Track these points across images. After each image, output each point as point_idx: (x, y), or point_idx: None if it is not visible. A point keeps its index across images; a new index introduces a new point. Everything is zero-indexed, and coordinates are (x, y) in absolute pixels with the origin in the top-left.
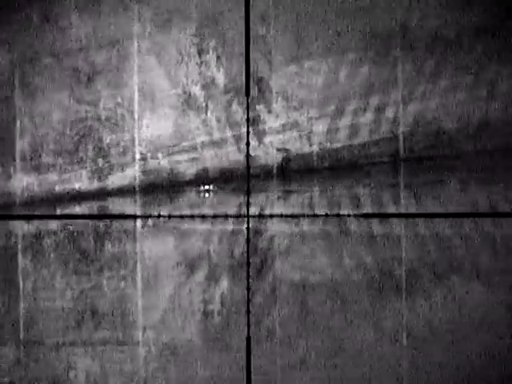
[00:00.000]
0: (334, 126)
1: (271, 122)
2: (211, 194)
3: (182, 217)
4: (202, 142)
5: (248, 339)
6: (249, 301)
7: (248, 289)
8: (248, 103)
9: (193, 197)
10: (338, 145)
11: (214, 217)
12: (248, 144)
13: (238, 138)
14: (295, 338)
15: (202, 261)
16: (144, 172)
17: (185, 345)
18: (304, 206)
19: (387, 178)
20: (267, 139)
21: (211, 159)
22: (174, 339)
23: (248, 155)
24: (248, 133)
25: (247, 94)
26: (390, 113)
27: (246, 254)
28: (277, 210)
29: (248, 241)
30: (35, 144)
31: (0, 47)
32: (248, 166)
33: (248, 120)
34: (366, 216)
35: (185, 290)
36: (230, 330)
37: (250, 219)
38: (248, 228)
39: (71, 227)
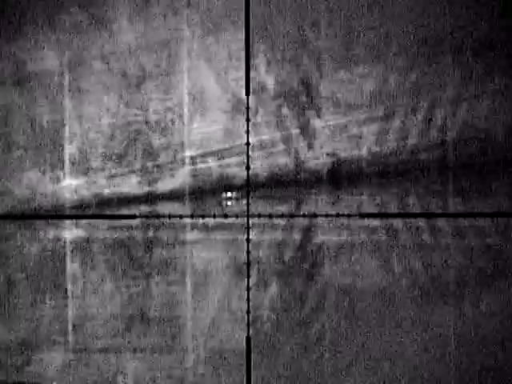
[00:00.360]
0: (383, 131)
1: (321, 128)
2: (261, 198)
3: (225, 216)
4: (253, 147)
5: (248, 339)
6: (248, 301)
7: (248, 289)
8: (248, 103)
9: (243, 201)
10: (387, 150)
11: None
12: (248, 144)
13: (287, 144)
14: (344, 342)
15: (251, 266)
16: (194, 176)
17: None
18: (353, 210)
19: (436, 184)
20: (317, 144)
21: (261, 164)
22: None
23: (248, 155)
24: (248, 133)
25: (247, 93)
26: (438, 118)
27: (296, 259)
28: (326, 216)
29: (248, 241)
30: (84, 148)
31: (50, 51)
32: (248, 167)
33: (248, 120)
34: (412, 216)
35: (234, 294)
36: (279, 335)
37: (302, 223)
38: (248, 228)
39: (120, 230)
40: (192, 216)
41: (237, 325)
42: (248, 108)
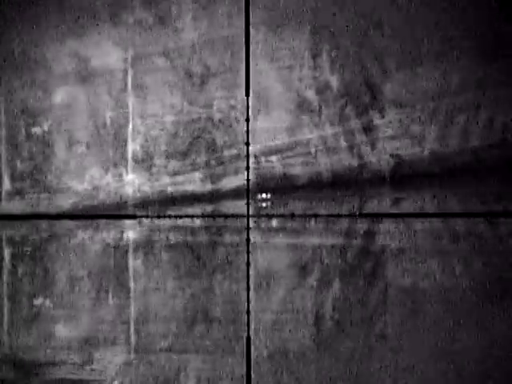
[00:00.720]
0: (445, 131)
1: (383, 128)
2: (325, 196)
3: (293, 216)
4: (316, 146)
5: (248, 339)
6: (248, 301)
7: (248, 289)
8: (248, 103)
9: (306, 200)
10: (450, 150)
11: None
12: (248, 144)
13: (351, 143)
14: (406, 342)
15: (314, 265)
16: (257, 175)
17: (296, 349)
18: (415, 210)
19: (499, 185)
20: (380, 145)
21: (325, 163)
22: (286, 343)
23: (248, 156)
24: (248, 132)
25: (247, 94)
26: (501, 118)
27: (357, 258)
28: (388, 216)
29: (248, 241)
30: (147, 145)
31: (113, 48)
32: (248, 167)
33: (248, 120)
34: (474, 215)
35: (297, 293)
36: (341, 334)
37: (363, 223)
38: (248, 229)
39: (183, 229)
40: (256, 216)
41: (299, 324)
42: (248, 107)
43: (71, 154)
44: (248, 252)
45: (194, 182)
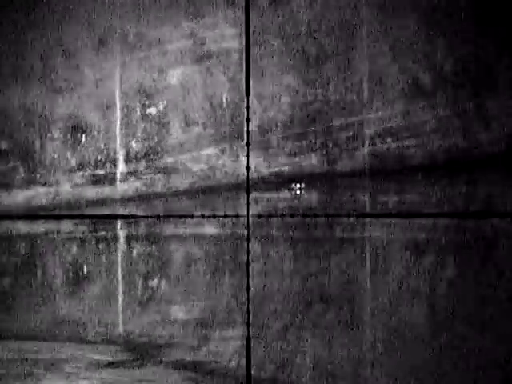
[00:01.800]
0: None
1: (497, 111)
2: (438, 177)
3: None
4: (430, 128)
5: (248, 339)
6: (248, 301)
7: (248, 288)
8: (248, 103)
9: (421, 184)
10: None
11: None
12: (248, 144)
13: (464, 125)
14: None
15: (427, 248)
16: (373, 156)
17: (412, 330)
18: None
19: None
20: (493, 127)
21: (439, 146)
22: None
23: (248, 155)
24: (248, 132)
25: (247, 93)
26: None
27: (470, 241)
28: (501, 202)
29: (248, 240)
30: (263, 126)
31: (229, 29)
32: (248, 167)
33: (248, 120)
34: None
35: (411, 273)
36: (456, 317)
37: (476, 204)
38: (248, 228)
39: (300, 209)
40: (373, 206)
41: (415, 304)
42: (248, 108)
43: (187, 134)
44: (248, 252)
45: (310, 163)
